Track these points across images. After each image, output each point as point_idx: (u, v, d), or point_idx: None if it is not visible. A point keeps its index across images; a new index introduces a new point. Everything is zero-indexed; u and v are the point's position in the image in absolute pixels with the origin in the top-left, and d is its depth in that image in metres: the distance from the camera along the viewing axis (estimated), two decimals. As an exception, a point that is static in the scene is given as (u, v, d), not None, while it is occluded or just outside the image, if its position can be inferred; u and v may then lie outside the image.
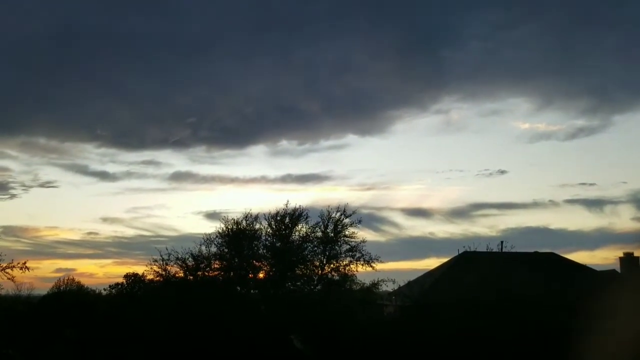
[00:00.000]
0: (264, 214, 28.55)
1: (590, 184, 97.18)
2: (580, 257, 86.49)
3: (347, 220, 28.14)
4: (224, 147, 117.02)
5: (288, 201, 28.42)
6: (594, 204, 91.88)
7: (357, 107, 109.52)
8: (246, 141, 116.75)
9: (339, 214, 28.22)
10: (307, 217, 28.35)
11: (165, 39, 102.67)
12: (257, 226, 28.32)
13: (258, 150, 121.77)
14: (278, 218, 28.25)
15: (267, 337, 23.75)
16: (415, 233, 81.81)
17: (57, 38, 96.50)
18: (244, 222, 28.08)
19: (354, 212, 28.45)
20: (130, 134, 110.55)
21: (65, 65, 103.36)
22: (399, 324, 24.12)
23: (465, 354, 19.58)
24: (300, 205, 28.52)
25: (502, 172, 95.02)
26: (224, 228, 28.02)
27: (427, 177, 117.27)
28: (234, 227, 27.97)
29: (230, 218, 28.45)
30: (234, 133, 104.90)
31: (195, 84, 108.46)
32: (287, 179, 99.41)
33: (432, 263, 34.95)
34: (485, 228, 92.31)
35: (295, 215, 28.30)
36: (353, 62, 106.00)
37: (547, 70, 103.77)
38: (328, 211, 28.26)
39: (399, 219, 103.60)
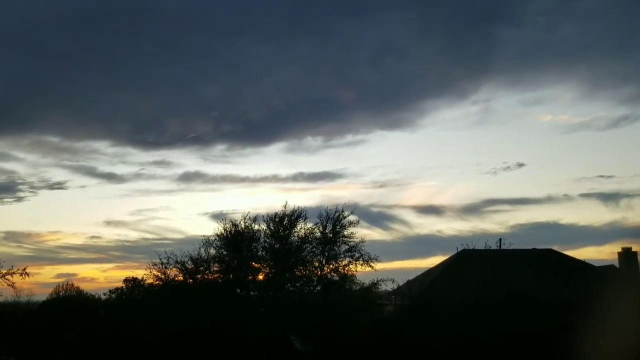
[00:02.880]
0: (263, 215, 28.56)
1: (608, 177, 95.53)
2: (587, 252, 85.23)
3: (346, 220, 28.17)
4: (246, 143, 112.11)
5: (287, 202, 28.44)
6: (610, 197, 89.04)
7: (391, 97, 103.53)
8: (271, 137, 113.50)
9: (337, 214, 28.25)
10: (305, 218, 28.38)
11: (191, 21, 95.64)
12: (256, 227, 28.33)
13: (277, 148, 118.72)
14: (277, 219, 28.23)
15: (267, 339, 23.76)
16: (423, 231, 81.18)
17: (70, 22, 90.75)
18: (242, 223, 28.08)
19: (352, 212, 28.49)
20: (148, 130, 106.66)
21: (79, 54, 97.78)
22: (398, 323, 24.12)
23: (464, 352, 19.62)
24: (299, 207, 28.54)
25: (521, 165, 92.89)
26: (223, 230, 28.03)
27: (443, 172, 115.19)
28: (233, 229, 27.97)
29: (228, 220, 28.46)
30: (257, 128, 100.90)
31: (222, 72, 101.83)
32: (298, 177, 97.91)
33: (437, 261, 34.94)
34: (495, 224, 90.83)
35: (294, 217, 28.29)
36: (396, 43, 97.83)
37: (602, 51, 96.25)
38: (326, 211, 28.29)
39: (409, 216, 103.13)
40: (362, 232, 28.25)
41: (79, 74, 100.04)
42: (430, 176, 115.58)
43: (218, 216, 55.60)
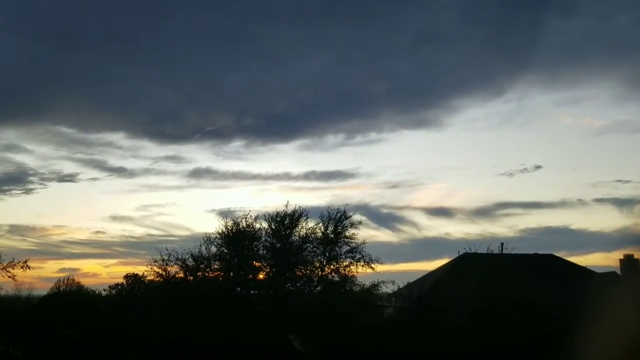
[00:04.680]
0: (264, 214, 28.62)
1: (626, 181, 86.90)
2: (595, 258, 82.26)
3: (347, 221, 28.19)
4: (266, 140, 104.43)
5: (288, 202, 28.49)
6: (625, 203, 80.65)
7: (423, 93, 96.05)
8: (292, 133, 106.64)
9: (339, 214, 28.27)
10: (307, 218, 28.41)
11: (221, 4, 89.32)
12: (258, 226, 28.36)
13: (295, 145, 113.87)
14: (278, 219, 28.27)
15: (266, 338, 23.76)
16: (431, 233, 78.67)
17: (92, 3, 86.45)
18: (243, 222, 28.10)
19: (354, 213, 28.53)
20: (165, 121, 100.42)
21: (100, 38, 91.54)
22: (398, 325, 24.11)
23: (463, 356, 19.59)
24: (300, 206, 28.59)
25: (538, 167, 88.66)
26: (224, 228, 28.06)
27: (458, 173, 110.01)
28: (234, 227, 27.99)
29: (230, 218, 28.53)
30: (279, 123, 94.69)
31: (249, 60, 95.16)
32: (310, 176, 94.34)
33: (442, 264, 34.75)
34: (505, 228, 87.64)
35: (295, 216, 28.33)
36: (438, 30, 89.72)
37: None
38: (328, 212, 28.32)
39: (419, 218, 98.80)
40: (370, 233, 28.70)
41: (99, 59, 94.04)
42: (444, 177, 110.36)
43: (225, 213, 54.68)
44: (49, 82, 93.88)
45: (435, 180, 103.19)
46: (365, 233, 28.53)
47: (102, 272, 75.00)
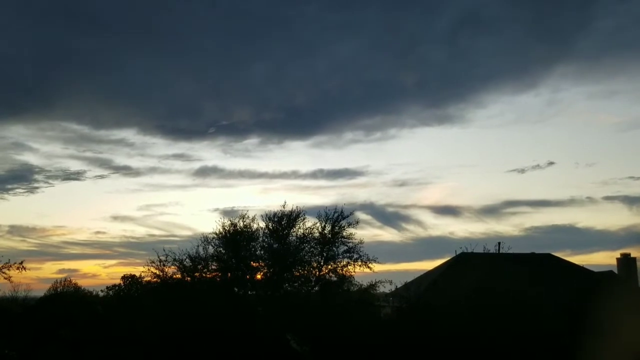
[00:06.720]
0: (262, 215, 28.61)
1: (638, 178, 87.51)
2: (599, 257, 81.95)
3: (344, 221, 28.16)
4: (282, 136, 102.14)
5: (285, 202, 28.48)
6: (636, 201, 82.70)
7: (453, 84, 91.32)
8: (310, 130, 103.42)
9: (336, 214, 28.26)
10: (304, 218, 28.41)
11: None
12: (255, 226, 28.33)
13: (311, 142, 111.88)
14: (275, 219, 28.26)
15: (264, 338, 23.75)
16: (435, 232, 78.18)
17: None
18: (241, 222, 28.07)
19: (352, 213, 28.52)
20: (181, 115, 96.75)
21: (117, 22, 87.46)
22: (395, 325, 24.11)
23: (460, 355, 19.61)
24: (297, 206, 28.58)
25: (550, 163, 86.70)
26: (221, 229, 28.02)
27: (468, 171, 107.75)
28: (231, 228, 27.95)
29: (229, 217, 28.50)
30: (298, 119, 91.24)
31: (276, 47, 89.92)
32: (318, 174, 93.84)
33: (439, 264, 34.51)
34: (510, 227, 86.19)
35: (293, 216, 28.31)
36: (481, 13, 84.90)
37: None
38: (325, 211, 28.31)
39: (425, 217, 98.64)
40: (374, 232, 28.75)
41: (116, 46, 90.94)
42: (454, 175, 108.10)
43: (229, 213, 53.29)
44: (61, 71, 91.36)
45: (445, 178, 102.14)
46: (369, 232, 28.79)
47: (101, 273, 74.86)
